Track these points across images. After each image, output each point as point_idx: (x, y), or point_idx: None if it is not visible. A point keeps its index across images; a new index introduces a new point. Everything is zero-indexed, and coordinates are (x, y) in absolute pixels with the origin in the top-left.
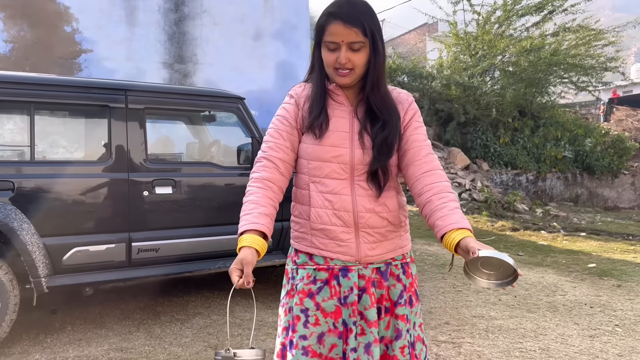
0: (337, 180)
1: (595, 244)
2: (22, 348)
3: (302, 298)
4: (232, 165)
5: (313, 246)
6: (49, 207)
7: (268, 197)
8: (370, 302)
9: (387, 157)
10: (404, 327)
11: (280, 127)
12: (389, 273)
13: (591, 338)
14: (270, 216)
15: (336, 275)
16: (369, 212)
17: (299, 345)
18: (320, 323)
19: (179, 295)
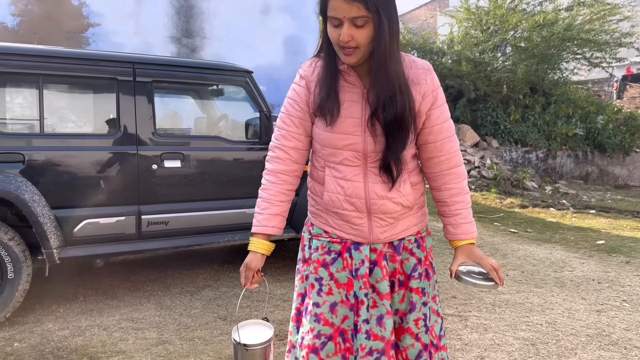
0: (350, 167)
1: (605, 222)
2: (35, 317)
3: (316, 267)
4: (240, 140)
5: (328, 224)
6: (59, 180)
7: (281, 192)
8: (381, 275)
9: (401, 148)
10: (418, 300)
11: (292, 113)
12: (401, 247)
13: (598, 313)
14: (281, 214)
15: (348, 248)
16: (381, 199)
17: (312, 312)
18: (333, 293)
19: (188, 268)
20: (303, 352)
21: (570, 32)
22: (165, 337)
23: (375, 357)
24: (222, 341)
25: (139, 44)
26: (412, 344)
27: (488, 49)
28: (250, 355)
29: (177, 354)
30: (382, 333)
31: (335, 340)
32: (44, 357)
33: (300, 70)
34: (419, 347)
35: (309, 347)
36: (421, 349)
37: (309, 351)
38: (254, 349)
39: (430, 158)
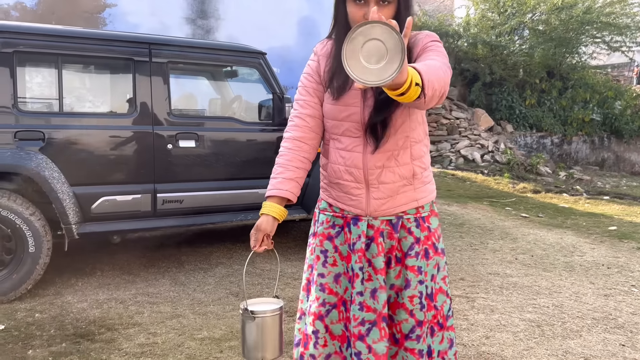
0: (351, 138)
1: (618, 208)
2: (55, 290)
3: (322, 240)
4: (254, 121)
5: (331, 197)
6: (78, 158)
7: (297, 158)
8: (377, 251)
9: (386, 111)
10: (413, 277)
11: (307, 85)
12: (400, 225)
13: (606, 297)
14: (296, 180)
15: (348, 223)
16: (378, 168)
17: (318, 282)
18: (337, 264)
19: (202, 245)
20: (310, 318)
21: (589, 15)
22: (180, 311)
23: (367, 328)
24: (234, 316)
25: (154, 24)
26: (405, 319)
27: (505, 32)
28: (258, 325)
29: (191, 327)
30: (374, 305)
31: (339, 309)
32: (64, 327)
33: (314, 48)
34: (413, 323)
35: (315, 315)
36: (414, 325)
37: (315, 318)
38: (262, 317)
39: None
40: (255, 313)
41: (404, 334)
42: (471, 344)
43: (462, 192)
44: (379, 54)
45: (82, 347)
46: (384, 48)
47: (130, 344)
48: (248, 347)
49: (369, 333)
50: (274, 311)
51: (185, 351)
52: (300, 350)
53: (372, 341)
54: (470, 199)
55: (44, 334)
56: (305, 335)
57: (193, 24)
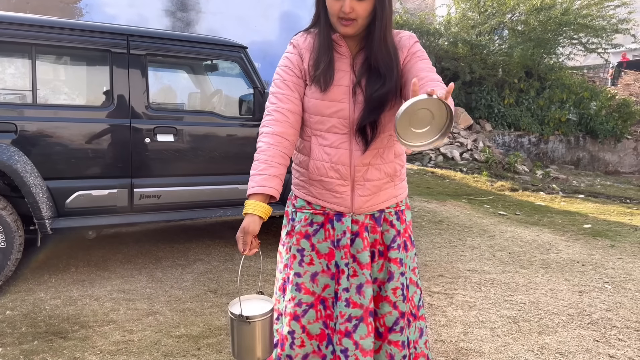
0: (337, 135)
1: (593, 206)
2: (27, 286)
3: (299, 239)
4: (234, 116)
5: (310, 195)
6: (52, 151)
7: (279, 154)
8: (362, 245)
9: (378, 112)
10: (396, 270)
11: (287, 78)
12: (382, 219)
13: (580, 293)
14: (279, 177)
15: (331, 220)
16: (365, 165)
17: (294, 282)
18: (314, 263)
19: (180, 242)
20: (286, 319)
21: (567, 17)
22: (156, 308)
23: (354, 324)
24: (213, 313)
25: (132, 16)
26: (389, 312)
27: (485, 31)
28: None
29: (168, 325)
30: (361, 301)
31: (317, 308)
32: (37, 325)
33: (292, 40)
34: (396, 315)
35: (291, 315)
36: (398, 317)
37: (290, 319)
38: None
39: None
40: (250, 318)
41: (387, 327)
42: (449, 340)
43: (441, 189)
44: (426, 120)
45: (55, 344)
46: (431, 115)
47: (105, 342)
48: (241, 350)
49: (355, 329)
50: (266, 314)
51: (162, 349)
52: (278, 351)
53: (360, 337)
54: (449, 196)
55: (15, 331)
56: (282, 335)
57: (172, 17)
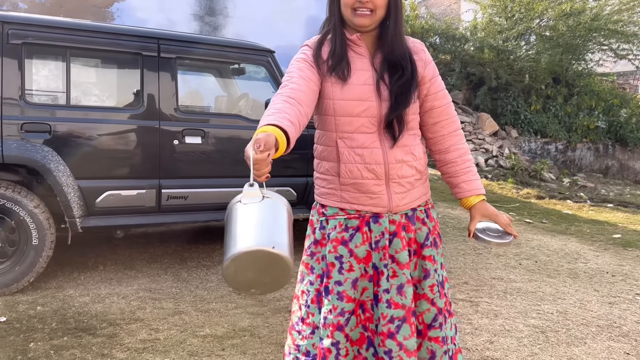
0: (366, 135)
1: (622, 216)
2: (57, 283)
3: (335, 246)
4: (259, 119)
5: (344, 201)
6: (83, 151)
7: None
8: (401, 245)
9: (404, 105)
10: (431, 267)
11: (301, 68)
12: (415, 217)
13: (610, 305)
14: (294, 125)
15: (367, 222)
16: (399, 162)
17: (335, 291)
18: (354, 269)
19: (205, 243)
20: (328, 331)
21: (597, 22)
22: (182, 308)
23: (396, 325)
24: (237, 314)
25: (162, 20)
26: (428, 309)
27: (512, 36)
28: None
29: (193, 324)
30: (402, 301)
31: (357, 314)
32: (66, 321)
33: (306, 43)
34: (435, 312)
35: (334, 326)
36: (437, 313)
37: (334, 329)
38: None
39: (438, 122)
40: None
41: (426, 324)
42: (475, 348)
43: None
44: None
45: (84, 341)
46: None
47: (132, 340)
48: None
49: (399, 330)
50: None
51: (187, 348)
52: None
53: (403, 338)
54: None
55: (45, 327)
56: (322, 349)
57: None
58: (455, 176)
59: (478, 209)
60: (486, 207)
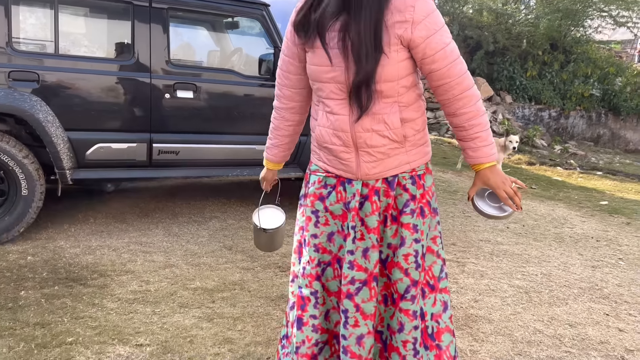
0: (335, 101)
1: (610, 183)
2: (47, 235)
3: (313, 201)
4: (253, 75)
5: (321, 160)
6: (73, 102)
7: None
8: (371, 209)
9: (369, 75)
10: (409, 235)
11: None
12: (395, 183)
13: (593, 268)
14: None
15: (342, 182)
16: (367, 131)
17: (311, 243)
18: (329, 223)
19: (196, 199)
20: (306, 280)
21: None
22: (173, 262)
23: (356, 287)
24: (227, 269)
25: None
26: (400, 279)
27: (511, 0)
28: (268, 235)
29: (184, 277)
30: (366, 264)
31: (334, 266)
32: (57, 271)
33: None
34: (408, 282)
35: (312, 276)
36: (409, 284)
37: (312, 279)
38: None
39: (440, 85)
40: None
41: (399, 294)
42: (460, 306)
43: (457, 160)
44: None
45: (75, 290)
46: None
47: (123, 290)
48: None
49: (358, 292)
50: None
51: (177, 300)
52: (297, 313)
53: (361, 300)
54: (465, 167)
55: (36, 276)
56: (301, 297)
57: None
58: (463, 140)
59: (481, 176)
60: (489, 175)
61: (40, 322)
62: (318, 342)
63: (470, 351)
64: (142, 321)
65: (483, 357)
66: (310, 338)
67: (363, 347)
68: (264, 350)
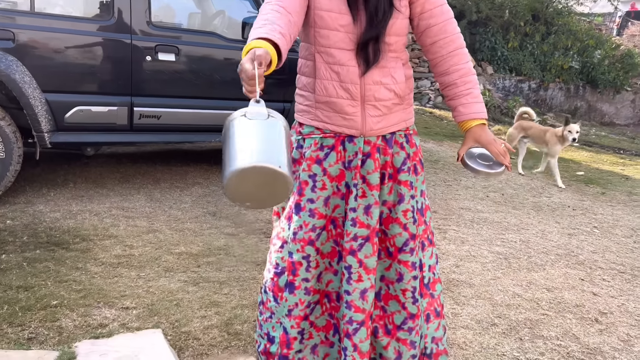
0: (343, 51)
1: (586, 155)
2: (26, 199)
3: (310, 164)
4: (236, 39)
5: (317, 119)
6: (51, 63)
7: (285, 21)
8: (373, 167)
9: (381, 26)
10: (407, 192)
11: None
12: (393, 141)
13: (569, 236)
14: (285, 37)
15: (342, 141)
16: (376, 84)
17: (307, 208)
18: (326, 187)
19: (178, 165)
20: (297, 245)
21: None
22: (156, 227)
23: (359, 243)
24: (212, 234)
25: None
26: (399, 233)
27: None
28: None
29: (168, 242)
30: (368, 221)
31: (328, 228)
32: (37, 235)
33: None
34: (406, 236)
35: (304, 241)
36: (408, 238)
37: (304, 244)
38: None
39: (436, 41)
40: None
41: (397, 247)
42: (442, 271)
43: (439, 130)
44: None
45: (57, 254)
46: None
47: (106, 255)
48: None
49: (361, 248)
50: None
51: (162, 264)
52: (289, 277)
53: (364, 256)
54: (446, 137)
55: (16, 240)
56: (292, 262)
57: None
58: (454, 98)
59: (472, 133)
60: (481, 132)
61: (23, 285)
62: (310, 304)
63: (452, 314)
64: (127, 285)
65: (464, 320)
66: (303, 301)
67: (366, 301)
68: (251, 313)
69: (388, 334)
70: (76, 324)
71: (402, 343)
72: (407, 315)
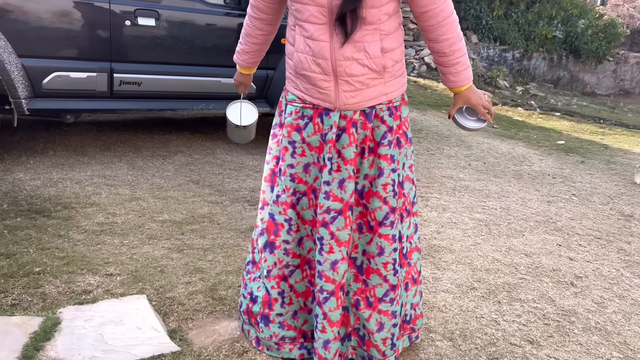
0: (316, 25)
1: (567, 124)
2: (5, 166)
3: (290, 131)
4: (219, 4)
5: (298, 89)
6: (26, 26)
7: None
8: (348, 141)
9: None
10: (387, 166)
11: None
12: (373, 115)
13: (548, 203)
14: (248, 53)
15: (320, 114)
16: (347, 60)
17: (287, 173)
18: (306, 155)
19: (160, 133)
20: (280, 207)
21: None
22: (139, 195)
23: (332, 216)
24: (195, 202)
25: None
26: (379, 207)
27: None
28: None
29: (151, 210)
30: (342, 195)
31: (309, 197)
32: (18, 203)
33: None
34: (386, 210)
35: (287, 204)
36: (388, 211)
37: (286, 207)
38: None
39: (426, 11)
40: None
41: (378, 221)
42: (423, 237)
43: (423, 99)
44: None
45: (39, 222)
46: None
47: (89, 222)
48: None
49: (333, 221)
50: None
51: (146, 231)
52: (270, 237)
53: (336, 228)
54: (430, 106)
55: None
56: (274, 223)
57: None
58: (444, 66)
59: (462, 96)
60: (470, 95)
61: (4, 252)
62: (289, 265)
63: (433, 278)
64: (111, 252)
65: (445, 284)
66: (282, 260)
67: (337, 272)
68: (235, 279)
69: (370, 306)
70: (60, 290)
71: (383, 314)
72: (388, 288)
